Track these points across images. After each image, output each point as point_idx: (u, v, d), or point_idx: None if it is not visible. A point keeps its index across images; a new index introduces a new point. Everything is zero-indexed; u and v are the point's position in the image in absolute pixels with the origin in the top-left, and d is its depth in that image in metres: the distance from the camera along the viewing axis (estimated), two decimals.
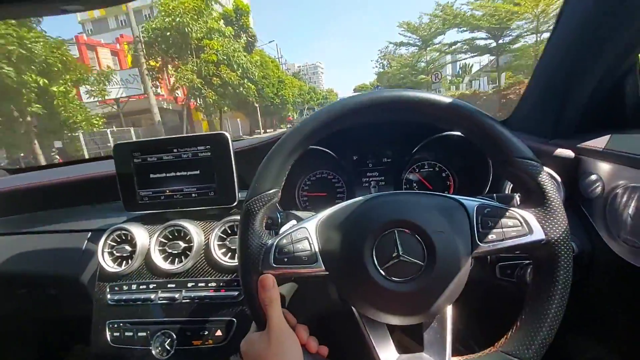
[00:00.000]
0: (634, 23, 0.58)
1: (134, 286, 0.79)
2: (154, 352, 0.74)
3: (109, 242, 0.83)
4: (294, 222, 0.61)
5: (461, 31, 18.08)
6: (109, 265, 0.81)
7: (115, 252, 0.82)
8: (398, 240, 0.45)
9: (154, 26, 13.94)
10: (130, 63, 17.22)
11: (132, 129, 15.51)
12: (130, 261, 0.81)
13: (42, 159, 9.97)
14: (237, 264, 0.50)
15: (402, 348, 0.48)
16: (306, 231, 0.49)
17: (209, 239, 0.79)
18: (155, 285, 0.78)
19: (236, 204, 0.81)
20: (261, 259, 0.47)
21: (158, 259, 0.79)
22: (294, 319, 0.50)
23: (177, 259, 0.80)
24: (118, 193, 0.86)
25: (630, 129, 0.69)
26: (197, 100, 16.13)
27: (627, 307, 0.62)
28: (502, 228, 0.45)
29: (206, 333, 0.73)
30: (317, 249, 0.48)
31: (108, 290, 0.81)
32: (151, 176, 0.83)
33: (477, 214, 0.46)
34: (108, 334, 0.78)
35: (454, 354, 0.46)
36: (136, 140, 0.86)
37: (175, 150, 0.81)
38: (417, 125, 0.83)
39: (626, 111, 0.71)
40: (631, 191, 0.56)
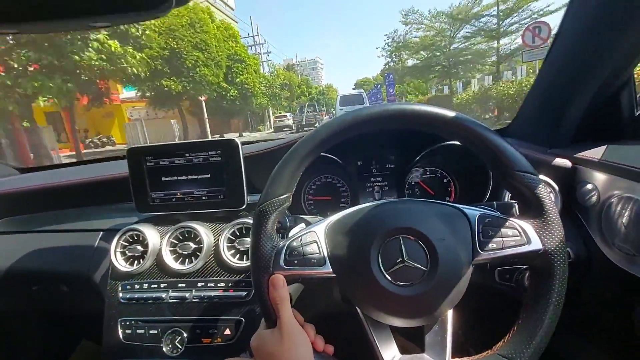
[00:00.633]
0: (630, 38, 0.61)
1: (145, 285, 0.82)
2: (164, 349, 0.77)
3: (121, 242, 0.86)
4: (302, 225, 0.64)
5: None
6: (121, 265, 0.84)
7: (127, 251, 0.85)
8: (403, 247, 0.47)
9: None
10: None
11: None
12: (141, 261, 0.83)
13: None
14: (249, 264, 0.52)
15: (403, 350, 0.50)
16: (315, 235, 0.52)
17: (218, 240, 0.82)
18: (166, 285, 0.81)
19: (245, 207, 0.84)
20: (272, 260, 0.50)
21: (169, 259, 0.82)
22: (302, 317, 0.53)
23: (187, 260, 0.82)
24: (129, 194, 0.89)
25: (625, 140, 0.71)
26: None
27: (620, 312, 0.64)
28: (502, 237, 0.48)
29: (215, 331, 0.76)
30: (325, 252, 0.50)
31: (120, 288, 0.83)
32: (163, 179, 0.86)
33: (478, 223, 0.49)
34: (120, 331, 0.81)
35: (454, 355, 0.48)
36: (149, 144, 0.89)
37: (186, 155, 0.84)
38: (420, 133, 0.86)
39: (622, 123, 0.73)
40: (625, 201, 0.59)
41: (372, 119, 0.52)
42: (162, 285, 0.81)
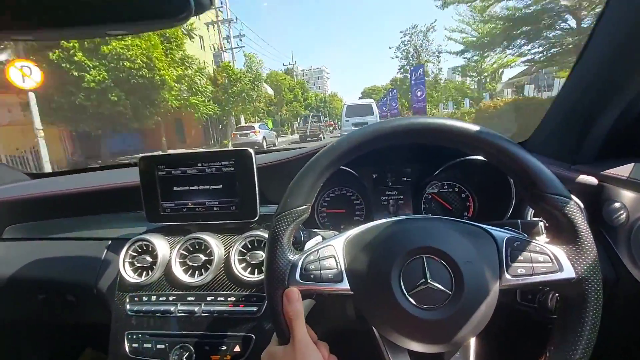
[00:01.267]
0: None
1: (153, 297, 0.80)
2: None
3: (130, 252, 0.84)
4: (319, 238, 0.62)
5: None
6: (130, 275, 0.82)
7: (136, 262, 0.83)
8: (427, 267, 0.45)
9: None
10: None
11: None
12: (150, 272, 0.81)
13: None
14: (264, 276, 0.51)
15: None
16: (333, 249, 0.50)
17: (229, 253, 0.80)
18: (174, 298, 0.79)
19: (257, 218, 0.82)
20: (288, 274, 0.48)
21: (178, 271, 0.80)
22: (315, 335, 0.51)
23: (197, 272, 0.80)
24: (139, 203, 0.87)
25: None
26: None
27: None
28: (531, 263, 0.45)
29: (224, 348, 0.73)
30: (343, 267, 0.48)
31: (127, 300, 0.82)
32: (174, 189, 0.85)
33: (506, 246, 0.46)
34: (127, 344, 0.79)
35: None
36: (162, 153, 0.88)
37: (199, 165, 0.83)
38: (438, 147, 0.84)
39: None
40: None
41: (394, 132, 0.50)
42: (170, 298, 0.79)
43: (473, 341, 0.47)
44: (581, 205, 0.70)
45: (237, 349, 0.73)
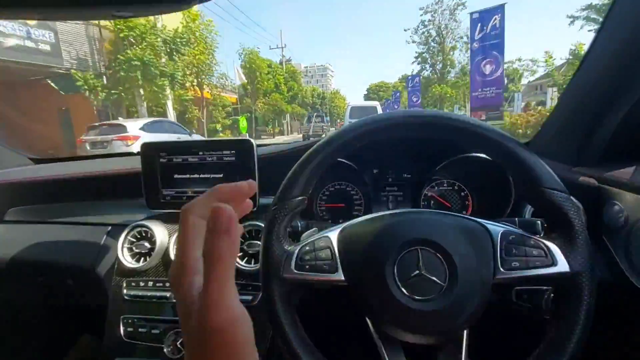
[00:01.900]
0: None
1: (150, 283, 0.81)
2: (165, 350, 0.75)
3: (129, 237, 0.85)
4: (315, 230, 0.62)
5: None
6: (127, 261, 0.83)
7: (134, 248, 0.84)
8: (421, 259, 0.45)
9: None
10: None
11: None
12: (148, 258, 0.82)
13: None
14: (259, 267, 0.51)
15: None
16: (329, 240, 0.50)
17: None
18: None
19: (256, 208, 0.83)
20: (283, 264, 0.49)
21: None
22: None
23: None
24: (139, 190, 0.88)
25: None
26: None
27: None
28: (525, 257, 0.45)
29: None
30: (338, 258, 0.49)
31: (125, 285, 0.82)
32: (175, 176, 0.85)
33: (501, 240, 0.47)
34: (122, 328, 0.79)
35: None
36: (164, 141, 0.88)
37: (200, 153, 0.83)
38: (440, 143, 0.84)
39: None
40: None
41: (396, 123, 0.50)
42: (167, 284, 0.80)
43: (466, 334, 0.47)
44: (579, 205, 0.70)
45: None
